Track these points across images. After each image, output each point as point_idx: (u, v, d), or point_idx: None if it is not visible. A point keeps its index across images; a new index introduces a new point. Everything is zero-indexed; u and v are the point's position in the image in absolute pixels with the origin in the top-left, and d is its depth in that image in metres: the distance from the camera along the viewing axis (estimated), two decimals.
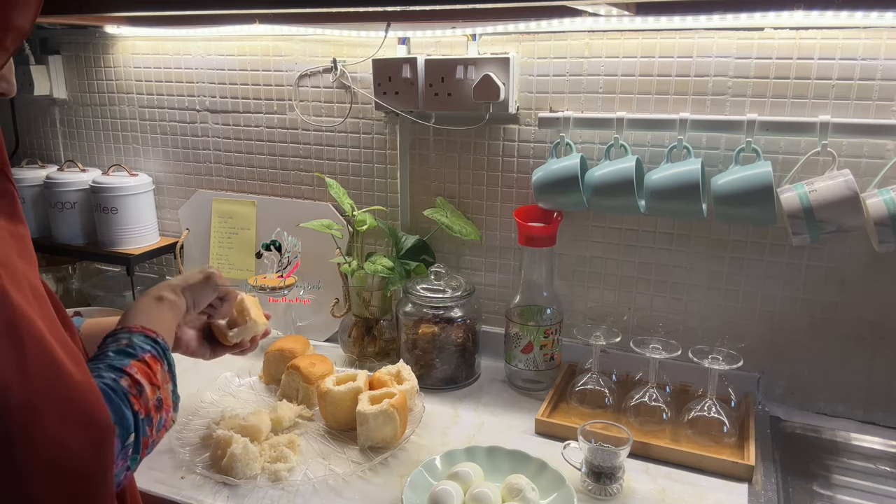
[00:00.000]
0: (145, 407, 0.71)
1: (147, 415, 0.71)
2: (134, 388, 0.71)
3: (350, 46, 1.51)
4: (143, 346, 0.78)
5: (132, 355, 0.75)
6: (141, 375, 0.73)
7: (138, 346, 0.77)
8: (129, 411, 0.69)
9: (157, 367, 0.77)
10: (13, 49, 0.62)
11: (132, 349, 0.76)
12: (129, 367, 0.73)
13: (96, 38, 1.79)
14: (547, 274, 1.38)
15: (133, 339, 0.78)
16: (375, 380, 1.27)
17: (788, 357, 1.32)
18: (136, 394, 0.71)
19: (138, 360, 0.75)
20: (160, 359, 0.79)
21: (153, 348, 0.79)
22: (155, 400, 0.74)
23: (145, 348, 0.78)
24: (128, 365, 0.73)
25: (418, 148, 1.53)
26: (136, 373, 0.73)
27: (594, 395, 1.27)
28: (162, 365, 0.78)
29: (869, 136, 1.16)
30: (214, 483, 1.08)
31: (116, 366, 0.72)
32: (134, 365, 0.74)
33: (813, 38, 1.18)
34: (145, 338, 0.80)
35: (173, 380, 0.81)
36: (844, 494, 1.21)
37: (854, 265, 1.24)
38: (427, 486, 1.03)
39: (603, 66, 1.32)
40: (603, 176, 1.26)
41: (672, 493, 1.07)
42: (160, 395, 0.75)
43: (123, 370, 0.72)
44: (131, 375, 0.72)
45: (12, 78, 0.69)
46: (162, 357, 0.79)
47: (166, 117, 1.78)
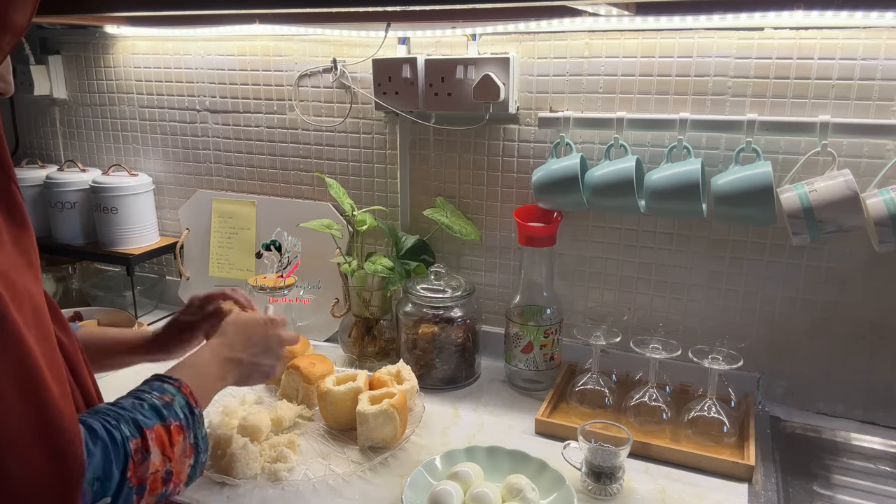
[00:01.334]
0: (140, 476, 0.69)
1: (140, 485, 0.69)
2: (139, 453, 0.69)
3: (350, 46, 1.51)
4: (177, 413, 0.76)
5: (162, 418, 0.73)
6: (154, 443, 0.71)
7: (174, 410, 0.75)
8: (118, 474, 0.66)
9: (177, 439, 0.74)
10: (10, 48, 0.62)
11: (167, 410, 0.74)
12: (149, 431, 0.71)
13: (96, 38, 1.79)
14: (547, 274, 1.38)
15: (175, 400, 0.77)
16: (375, 380, 1.27)
17: (788, 357, 1.32)
18: (139, 460, 0.69)
19: (163, 425, 0.73)
20: (186, 430, 0.76)
21: (185, 418, 0.76)
22: (163, 472, 0.71)
23: (179, 416, 0.75)
24: (150, 428, 0.71)
25: (418, 148, 1.53)
26: (153, 439, 0.71)
27: (594, 395, 1.27)
28: (186, 436, 0.76)
29: (869, 136, 1.16)
30: (214, 483, 1.08)
31: (140, 424, 0.70)
32: (155, 430, 0.72)
33: (813, 38, 1.18)
34: (186, 404, 0.78)
35: (196, 455, 0.78)
36: (844, 494, 1.21)
37: (854, 265, 1.24)
38: (427, 486, 1.03)
39: (603, 66, 1.32)
40: (603, 176, 1.26)
41: (672, 493, 1.07)
42: (170, 468, 0.73)
43: (143, 431, 0.70)
44: (146, 440, 0.70)
45: (10, 77, 0.69)
46: (189, 429, 0.77)
47: (166, 117, 1.78)
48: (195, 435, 0.78)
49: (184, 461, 0.75)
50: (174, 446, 0.73)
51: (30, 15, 0.62)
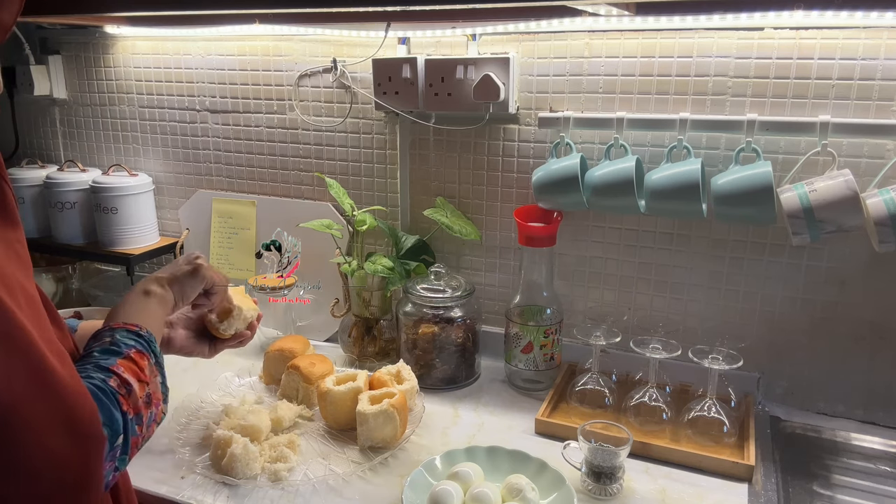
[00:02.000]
0: (134, 406, 0.70)
1: (136, 413, 0.70)
2: (123, 387, 0.70)
3: (350, 46, 1.51)
4: (126, 343, 0.76)
5: (117, 353, 0.74)
6: (128, 373, 0.72)
7: (122, 342, 0.76)
8: (118, 412, 0.68)
9: (143, 363, 0.76)
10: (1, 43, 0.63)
11: (116, 346, 0.75)
12: (115, 367, 0.72)
13: (96, 38, 1.79)
14: (547, 274, 1.38)
15: (116, 336, 0.77)
16: (375, 380, 1.27)
17: (788, 357, 1.32)
18: (125, 393, 0.70)
19: (124, 358, 0.74)
20: (146, 352, 0.78)
21: (137, 342, 0.78)
22: (144, 396, 0.73)
23: (129, 344, 0.76)
24: (114, 364, 0.72)
25: (418, 148, 1.53)
26: (123, 371, 0.72)
27: (594, 395, 1.27)
28: (149, 359, 0.77)
29: (869, 136, 1.16)
30: (214, 483, 1.08)
31: (103, 365, 0.71)
32: (120, 364, 0.73)
33: (813, 38, 1.18)
34: (128, 333, 0.79)
35: (161, 372, 0.80)
36: (844, 494, 1.21)
37: (854, 265, 1.24)
38: (427, 486, 1.03)
39: (603, 66, 1.32)
40: (603, 176, 1.26)
41: (672, 493, 1.07)
42: (149, 391, 0.74)
43: (110, 370, 0.71)
44: (119, 375, 0.71)
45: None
46: (148, 350, 0.78)
47: (166, 117, 1.78)
48: (154, 354, 0.79)
49: (154, 381, 0.77)
50: (143, 370, 0.75)
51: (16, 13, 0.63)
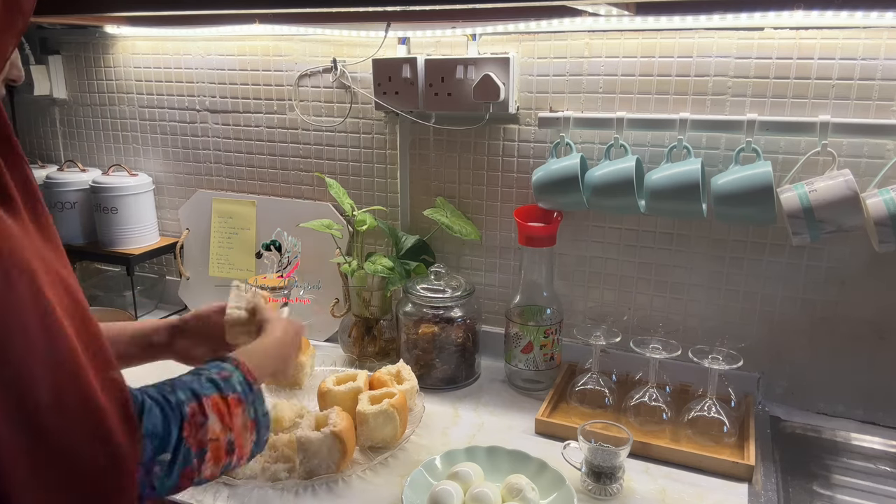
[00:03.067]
0: (199, 439, 0.70)
1: (200, 448, 0.70)
2: (197, 416, 0.70)
3: (350, 46, 1.51)
4: (234, 387, 0.77)
5: (220, 389, 0.75)
6: (212, 411, 0.72)
7: (231, 384, 0.77)
8: (176, 432, 0.68)
9: (236, 411, 0.75)
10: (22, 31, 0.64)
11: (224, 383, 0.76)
12: (206, 398, 0.72)
13: (96, 38, 1.79)
14: (547, 274, 1.38)
15: (233, 376, 0.78)
16: (375, 380, 1.27)
17: (788, 357, 1.32)
18: (196, 423, 0.70)
19: (221, 396, 0.74)
20: (244, 402, 0.77)
21: (243, 391, 0.78)
22: (225, 442, 0.73)
23: (236, 389, 0.77)
24: (207, 396, 0.73)
25: (418, 148, 1.53)
26: (210, 406, 0.72)
27: (594, 395, 1.27)
28: (244, 409, 0.77)
29: (869, 136, 1.16)
30: (214, 483, 1.08)
31: (197, 391, 0.72)
32: (212, 398, 0.73)
33: (813, 38, 1.18)
34: (244, 381, 0.79)
35: (258, 432, 0.79)
36: (844, 494, 1.21)
37: (854, 265, 1.24)
38: (427, 486, 1.03)
39: (603, 66, 1.32)
40: (603, 176, 1.26)
41: (672, 493, 1.07)
42: (232, 438, 0.74)
43: (200, 397, 0.72)
44: (202, 406, 0.71)
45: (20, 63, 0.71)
46: (248, 403, 0.78)
47: (166, 117, 1.78)
48: (255, 410, 0.79)
49: (245, 435, 0.76)
50: (233, 417, 0.75)
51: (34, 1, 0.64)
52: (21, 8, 0.62)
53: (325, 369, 1.46)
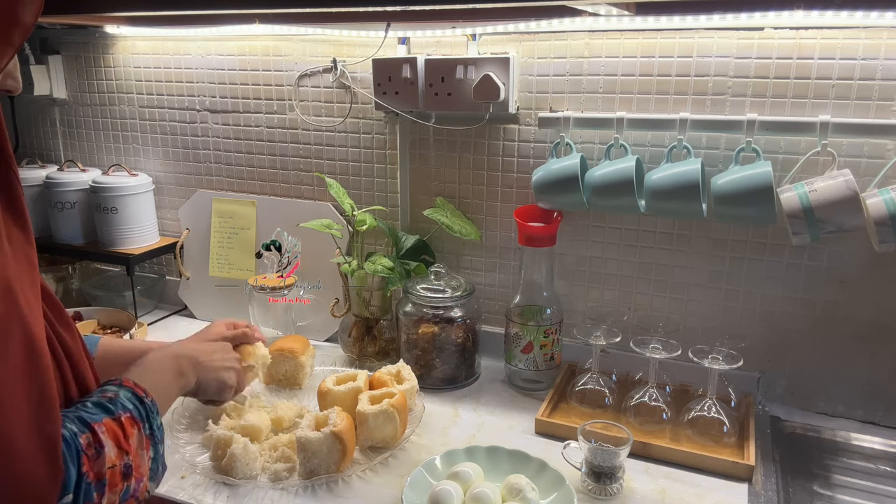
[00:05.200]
0: (97, 471, 0.67)
1: (99, 480, 0.67)
2: (91, 448, 0.67)
3: (350, 46, 1.51)
4: (124, 405, 0.74)
5: (109, 412, 0.72)
6: (107, 436, 0.69)
7: (120, 403, 0.74)
8: (75, 470, 0.65)
9: (131, 431, 0.73)
10: (19, 44, 0.63)
11: (112, 405, 0.73)
12: (97, 425, 0.69)
13: (96, 38, 1.79)
14: (547, 274, 1.38)
15: (119, 394, 0.75)
16: (375, 380, 1.27)
17: (788, 357, 1.32)
18: (93, 455, 0.67)
19: (113, 419, 0.71)
20: (139, 421, 0.75)
21: (135, 408, 0.75)
22: (122, 466, 0.70)
23: (127, 407, 0.74)
24: (98, 422, 0.69)
25: (418, 148, 1.53)
26: (103, 432, 0.69)
27: (594, 395, 1.27)
28: (140, 428, 0.74)
29: (869, 136, 1.16)
30: (214, 483, 1.08)
31: (86, 420, 0.69)
32: (104, 423, 0.70)
33: (813, 38, 1.18)
34: (132, 395, 0.76)
35: (154, 447, 0.77)
36: (844, 494, 1.21)
37: (854, 265, 1.24)
38: (427, 486, 1.03)
39: (603, 66, 1.32)
40: (603, 176, 1.26)
41: (672, 493, 1.07)
42: (129, 462, 0.71)
43: (91, 426, 0.69)
44: (96, 433, 0.68)
45: (18, 74, 0.70)
46: (143, 419, 0.75)
47: (166, 117, 1.78)
48: (150, 425, 0.76)
49: (141, 453, 0.74)
50: (129, 438, 0.72)
51: (36, 13, 0.63)
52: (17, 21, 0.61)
53: (325, 369, 1.46)
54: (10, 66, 0.66)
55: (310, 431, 1.08)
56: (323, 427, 1.08)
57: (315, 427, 1.09)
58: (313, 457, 1.07)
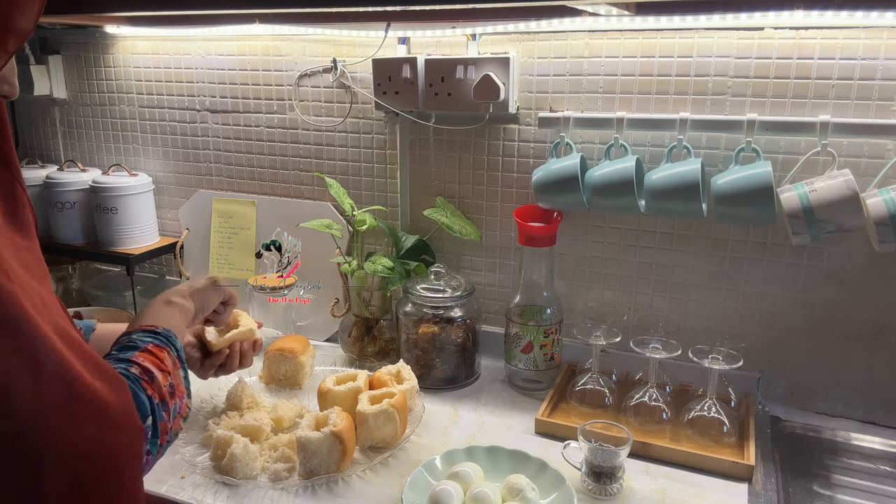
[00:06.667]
0: (159, 392, 0.72)
1: (162, 400, 0.72)
2: (145, 374, 0.72)
3: (350, 46, 1.51)
4: (143, 339, 0.79)
5: (135, 348, 0.76)
6: (149, 363, 0.74)
7: (139, 340, 0.78)
8: (144, 396, 0.70)
9: (163, 355, 0.77)
10: (14, 51, 0.62)
11: (133, 343, 0.77)
12: (134, 357, 0.74)
13: (96, 38, 1.79)
14: (547, 274, 1.38)
15: (132, 336, 0.79)
16: (375, 380, 1.27)
17: (788, 357, 1.32)
18: (148, 380, 0.72)
19: (142, 351, 0.76)
20: (165, 346, 0.79)
21: (154, 338, 0.80)
22: (168, 386, 0.74)
23: (146, 340, 0.79)
24: (133, 355, 0.74)
25: (418, 148, 1.53)
26: (143, 360, 0.74)
27: (594, 395, 1.27)
28: (169, 352, 0.79)
29: (869, 135, 1.16)
30: (214, 483, 1.08)
31: (122, 358, 0.74)
32: (139, 355, 0.74)
33: (813, 38, 1.18)
34: (144, 332, 0.81)
35: (183, 367, 0.82)
36: (844, 494, 1.21)
37: (854, 265, 1.24)
38: (427, 486, 1.03)
39: (603, 66, 1.32)
40: (603, 176, 1.26)
41: (672, 493, 1.07)
42: (172, 381, 0.76)
43: (130, 360, 0.73)
44: (139, 363, 0.73)
45: (14, 80, 0.68)
46: (167, 345, 0.80)
47: (166, 117, 1.78)
48: (174, 348, 0.81)
49: (177, 373, 0.79)
50: (164, 361, 0.77)
51: (35, 19, 0.62)
52: (10, 27, 0.60)
53: (325, 369, 1.46)
54: (7, 71, 0.65)
55: (310, 431, 1.07)
56: (323, 427, 1.08)
57: (315, 427, 1.09)
58: (313, 457, 1.07)
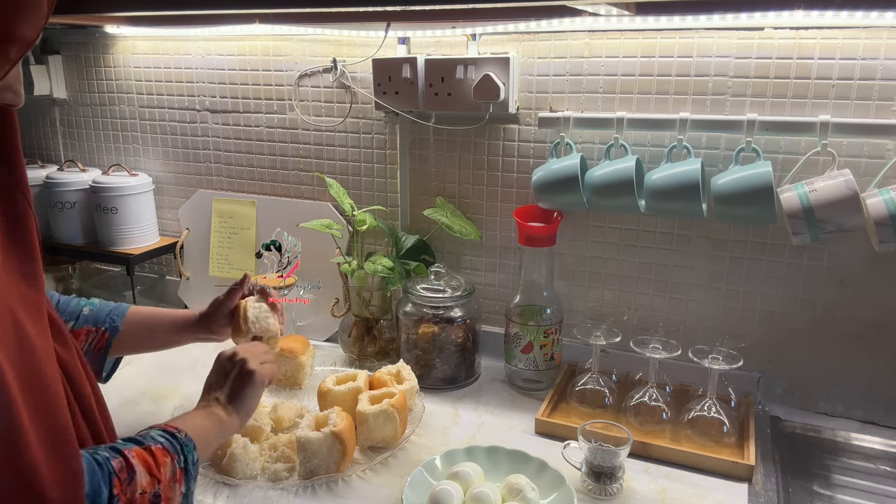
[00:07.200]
0: (129, 496, 0.66)
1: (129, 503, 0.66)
2: (124, 472, 0.67)
3: (350, 46, 1.51)
4: (154, 438, 0.74)
5: (138, 443, 0.72)
6: (138, 461, 0.69)
7: (149, 436, 0.74)
8: (107, 491, 0.64)
9: (164, 460, 0.72)
10: (17, 59, 0.61)
11: (142, 438, 0.73)
12: (127, 451, 0.69)
13: (96, 38, 1.79)
14: (547, 274, 1.38)
15: (149, 433, 0.76)
16: (375, 380, 1.27)
17: (788, 357, 1.32)
18: (125, 479, 0.66)
19: (143, 448, 0.71)
20: (173, 453, 0.74)
21: (166, 441, 0.75)
22: (151, 494, 0.69)
23: (156, 440, 0.74)
24: (128, 449, 0.69)
25: (418, 148, 1.53)
26: (134, 457, 0.69)
27: (594, 395, 1.27)
28: (173, 459, 0.74)
29: (869, 135, 1.16)
30: (214, 483, 1.08)
31: (117, 447, 0.69)
32: (134, 450, 0.70)
33: (813, 38, 1.18)
34: (163, 432, 0.77)
35: (188, 483, 0.76)
36: (844, 494, 1.21)
37: (854, 265, 1.24)
38: (427, 486, 1.03)
39: (603, 66, 1.32)
40: (603, 176, 1.26)
41: (672, 493, 1.07)
42: (159, 491, 0.70)
43: (122, 452, 0.68)
44: (127, 459, 0.68)
45: (19, 88, 0.67)
46: (176, 452, 0.75)
47: (166, 117, 1.78)
48: (185, 459, 0.76)
49: (173, 486, 0.72)
50: (161, 467, 0.71)
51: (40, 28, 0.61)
52: (14, 35, 0.58)
53: (325, 369, 1.46)
54: (11, 78, 0.64)
55: (310, 431, 1.07)
56: (323, 427, 1.08)
57: (315, 427, 1.09)
58: (313, 457, 1.07)
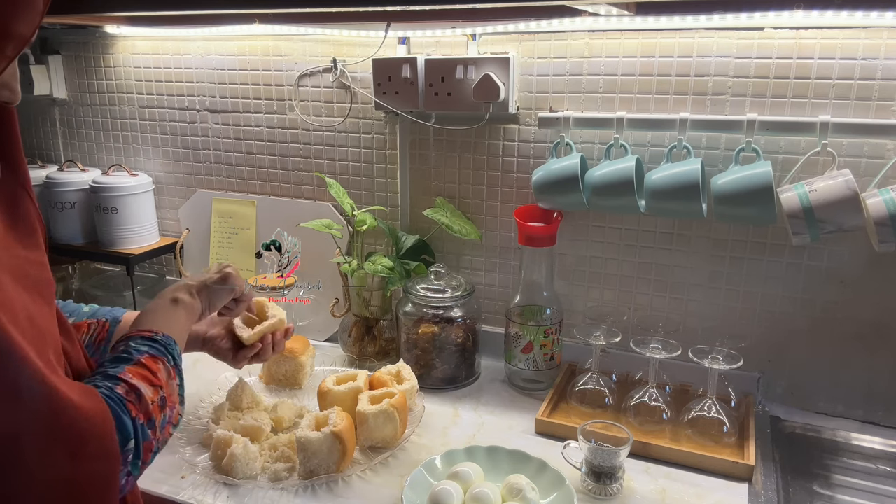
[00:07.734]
0: (145, 412, 0.70)
1: (148, 419, 0.71)
2: (132, 394, 0.70)
3: (350, 46, 1.51)
4: (138, 349, 0.77)
5: (127, 360, 0.75)
6: (137, 379, 0.72)
7: (134, 349, 0.77)
8: (128, 418, 0.68)
9: (156, 367, 0.76)
10: (14, 56, 0.61)
11: (128, 354, 0.76)
12: (123, 374, 0.72)
13: (96, 38, 1.79)
14: (547, 274, 1.38)
15: (129, 344, 0.78)
16: (375, 380, 1.27)
17: (788, 357, 1.32)
18: (134, 399, 0.70)
19: (133, 364, 0.74)
20: (160, 356, 0.78)
21: (150, 347, 0.78)
22: (158, 399, 0.73)
23: (141, 350, 0.77)
24: (122, 371, 0.72)
25: (418, 148, 1.53)
26: (132, 377, 0.72)
27: (594, 395, 1.27)
28: (164, 361, 0.78)
29: (869, 135, 1.16)
30: (214, 483, 1.08)
31: (111, 374, 0.72)
32: (129, 370, 0.73)
33: (813, 38, 1.18)
34: (142, 339, 0.79)
35: (179, 375, 0.80)
36: (844, 494, 1.21)
37: (854, 265, 1.24)
38: (427, 486, 1.03)
39: (603, 66, 1.32)
40: (603, 176, 1.26)
41: (672, 493, 1.07)
42: (163, 394, 0.74)
43: (118, 377, 0.71)
44: (127, 381, 0.71)
45: (16, 85, 0.68)
46: (163, 354, 0.78)
47: (166, 117, 1.78)
48: (172, 356, 0.79)
49: (171, 384, 0.77)
50: (157, 374, 0.75)
51: (35, 25, 0.61)
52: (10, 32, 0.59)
53: (325, 369, 1.46)
54: (7, 76, 0.65)
55: (310, 431, 1.07)
56: (323, 427, 1.08)
57: (315, 427, 1.09)
58: (313, 457, 1.07)
